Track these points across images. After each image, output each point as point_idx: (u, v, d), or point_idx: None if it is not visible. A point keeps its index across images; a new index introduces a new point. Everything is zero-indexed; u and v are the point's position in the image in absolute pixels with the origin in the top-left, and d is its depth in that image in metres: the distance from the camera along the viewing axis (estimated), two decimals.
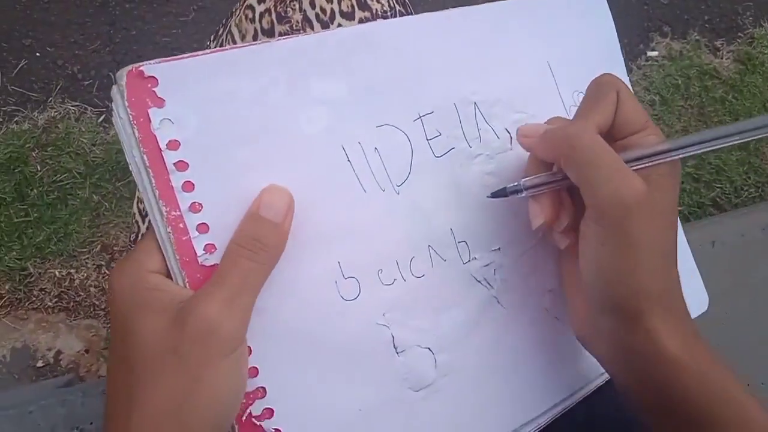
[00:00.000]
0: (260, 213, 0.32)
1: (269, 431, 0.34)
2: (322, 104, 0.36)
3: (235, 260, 0.32)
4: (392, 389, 0.37)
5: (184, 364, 0.30)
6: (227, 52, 0.33)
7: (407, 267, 0.38)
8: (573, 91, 0.46)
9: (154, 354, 0.30)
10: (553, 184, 0.38)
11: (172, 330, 0.30)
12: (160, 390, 0.30)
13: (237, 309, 0.31)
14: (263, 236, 0.32)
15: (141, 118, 0.31)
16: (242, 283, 0.31)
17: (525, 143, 0.39)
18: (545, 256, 0.43)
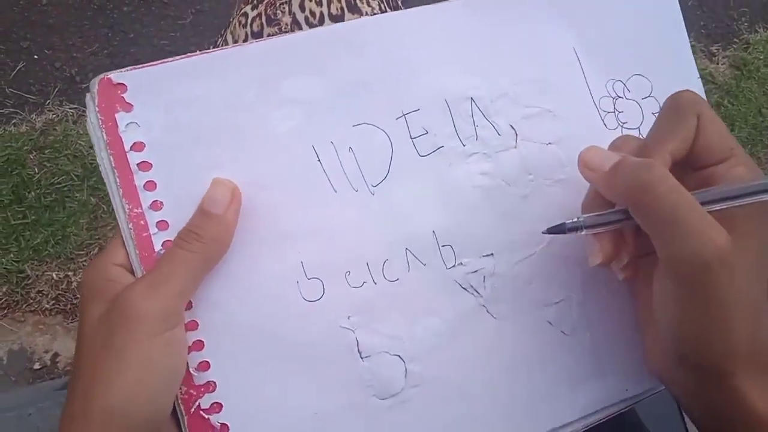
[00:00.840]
0: (201, 205, 0.34)
1: (216, 425, 0.34)
2: (294, 104, 0.36)
3: (171, 250, 0.33)
4: (354, 395, 0.36)
5: (112, 346, 0.31)
6: (196, 58, 0.35)
7: (379, 270, 0.37)
8: (607, 80, 0.42)
9: (90, 337, 0.32)
10: (618, 223, 0.34)
11: (107, 315, 0.32)
12: (91, 371, 0.31)
13: (161, 293, 0.31)
14: (200, 227, 0.33)
15: (109, 122, 0.33)
16: (170, 270, 0.32)
17: (588, 176, 0.35)
18: (554, 264, 0.40)
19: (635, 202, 0.31)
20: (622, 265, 0.35)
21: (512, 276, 0.39)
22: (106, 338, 0.31)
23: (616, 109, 0.42)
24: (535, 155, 0.40)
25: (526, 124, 0.40)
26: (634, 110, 0.42)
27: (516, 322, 0.39)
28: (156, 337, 0.31)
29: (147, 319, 0.31)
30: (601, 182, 0.34)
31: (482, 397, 0.38)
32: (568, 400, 0.40)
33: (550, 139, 0.40)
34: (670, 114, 0.34)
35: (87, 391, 0.31)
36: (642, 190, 0.30)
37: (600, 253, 0.35)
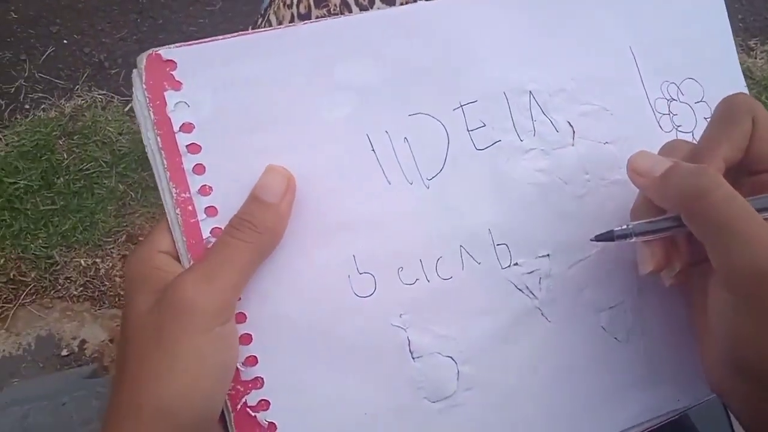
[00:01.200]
0: (255, 193, 0.32)
1: (263, 423, 0.33)
2: (348, 90, 0.34)
3: (222, 239, 0.32)
4: (404, 396, 0.35)
5: (163, 340, 0.29)
6: (248, 37, 0.33)
7: (433, 267, 0.35)
8: (662, 81, 0.41)
9: (140, 330, 0.30)
10: (669, 230, 0.33)
11: (157, 306, 0.30)
12: (142, 366, 0.30)
13: (215, 286, 0.30)
14: (254, 216, 0.32)
15: (157, 100, 0.32)
16: (224, 261, 0.31)
17: (637, 182, 0.34)
18: (610, 268, 0.38)
19: (688, 210, 0.30)
20: (673, 274, 0.34)
21: (567, 278, 0.38)
22: (156, 332, 0.30)
23: (671, 111, 0.41)
24: (592, 154, 0.39)
25: (583, 122, 0.39)
26: (687, 114, 0.41)
27: (570, 326, 0.38)
28: (209, 332, 0.30)
29: (201, 313, 0.30)
30: (651, 188, 0.33)
31: (533, 403, 0.37)
32: (619, 409, 0.38)
33: (607, 139, 0.39)
34: (723, 117, 0.33)
35: (137, 387, 0.30)
36: (695, 197, 0.30)
37: (651, 260, 0.34)
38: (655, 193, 0.33)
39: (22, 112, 1.33)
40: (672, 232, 0.33)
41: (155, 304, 0.30)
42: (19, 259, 1.24)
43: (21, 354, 1.21)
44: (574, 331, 0.38)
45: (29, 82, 1.35)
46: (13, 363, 1.20)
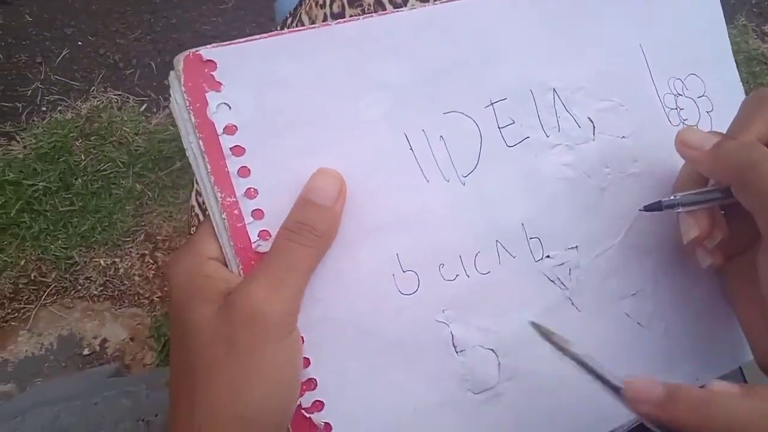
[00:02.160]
0: (309, 197, 0.32)
1: (319, 424, 0.33)
2: (384, 89, 0.34)
3: (283, 245, 0.31)
4: (450, 390, 0.36)
5: (236, 352, 0.29)
6: (286, 36, 0.33)
7: (471, 262, 0.36)
8: (669, 77, 0.43)
9: (208, 342, 0.30)
10: (714, 201, 0.35)
11: (223, 317, 0.30)
12: (217, 380, 0.29)
13: (284, 293, 0.30)
14: (311, 220, 0.31)
15: (197, 103, 0.31)
16: (289, 267, 0.30)
17: (687, 155, 0.36)
18: (629, 256, 0.40)
19: (740, 181, 0.32)
20: (714, 244, 0.36)
21: (594, 268, 0.39)
22: (228, 344, 0.29)
23: (678, 106, 0.43)
24: (611, 148, 0.40)
25: (601, 117, 0.40)
26: (692, 108, 0.43)
27: (597, 314, 0.39)
28: (282, 341, 0.30)
29: (274, 323, 0.29)
30: (701, 160, 0.35)
31: (567, 390, 0.38)
32: None
33: (624, 133, 0.40)
34: (753, 102, 0.35)
35: (212, 399, 0.29)
36: (747, 168, 0.31)
37: (696, 227, 0.35)
38: (705, 164, 0.35)
39: (39, 115, 1.34)
40: (716, 203, 0.35)
41: (218, 314, 0.30)
42: (40, 260, 1.25)
43: (43, 354, 1.22)
44: (601, 318, 0.39)
45: (45, 84, 1.36)
46: (36, 363, 1.21)
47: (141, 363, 1.23)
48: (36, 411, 0.57)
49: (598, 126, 0.40)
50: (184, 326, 0.31)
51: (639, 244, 0.40)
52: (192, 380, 0.30)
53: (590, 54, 0.40)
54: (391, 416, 0.35)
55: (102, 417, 0.57)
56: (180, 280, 0.31)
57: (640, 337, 0.40)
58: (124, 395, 0.58)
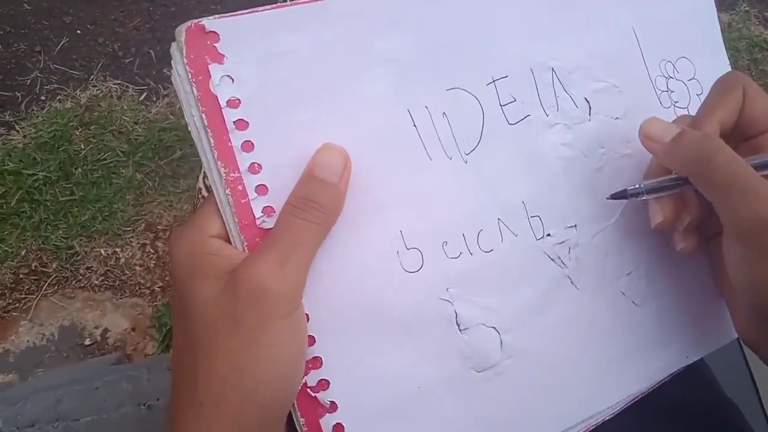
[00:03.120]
0: (314, 173, 0.31)
1: (324, 403, 0.33)
2: (388, 64, 0.34)
3: (288, 220, 0.31)
4: (454, 368, 0.35)
5: (241, 328, 0.29)
6: (289, 8, 0.32)
7: (474, 240, 0.36)
8: (660, 60, 0.43)
9: (213, 319, 0.30)
10: (676, 188, 0.36)
11: (227, 294, 0.29)
12: (220, 356, 0.29)
13: (289, 270, 0.30)
14: (316, 196, 0.31)
15: (200, 75, 0.30)
16: (294, 243, 0.30)
17: (649, 147, 0.37)
18: (624, 236, 0.41)
19: (697, 172, 0.34)
20: (682, 228, 0.37)
21: (592, 247, 0.40)
22: (233, 321, 0.29)
23: (669, 88, 0.43)
24: (606, 129, 0.40)
25: (597, 98, 0.40)
26: (682, 91, 0.44)
27: (595, 292, 0.40)
28: (287, 318, 0.30)
29: (279, 300, 0.29)
30: (662, 153, 0.36)
31: (566, 367, 0.39)
32: (639, 368, 0.41)
33: (618, 114, 0.41)
34: (718, 89, 0.37)
35: (217, 379, 0.29)
36: (703, 160, 0.33)
37: (661, 211, 0.37)
38: (665, 157, 0.36)
39: (38, 104, 1.34)
40: (678, 190, 0.36)
41: (223, 291, 0.30)
42: (40, 250, 1.24)
43: (45, 344, 1.22)
44: (599, 297, 0.40)
45: (44, 73, 1.35)
46: (38, 353, 1.21)
47: (142, 353, 1.23)
48: (38, 396, 0.57)
49: (594, 106, 0.40)
50: (187, 303, 0.30)
51: (633, 225, 0.41)
52: (195, 357, 0.30)
53: (586, 35, 0.40)
54: (395, 394, 0.34)
55: (104, 401, 0.57)
56: (183, 257, 0.31)
57: (635, 316, 0.41)
58: (125, 380, 0.58)
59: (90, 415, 0.56)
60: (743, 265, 0.34)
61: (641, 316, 0.41)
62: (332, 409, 0.33)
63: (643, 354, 0.41)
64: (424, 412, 0.35)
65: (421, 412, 0.35)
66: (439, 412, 0.35)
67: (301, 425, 0.32)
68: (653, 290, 0.42)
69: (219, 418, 0.29)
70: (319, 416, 0.33)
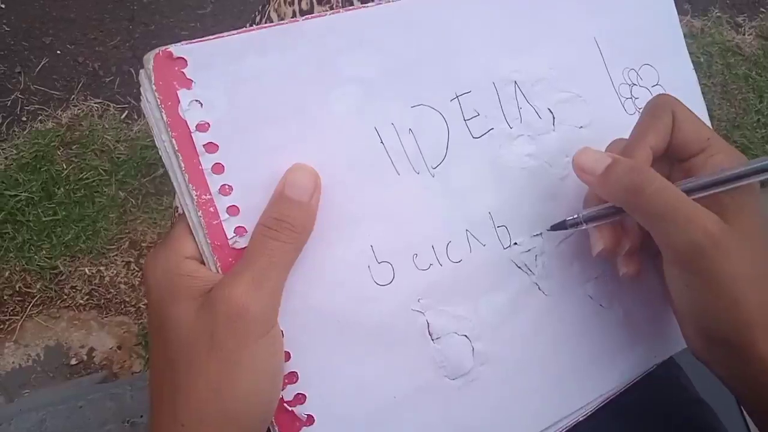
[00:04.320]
0: (285, 192, 0.32)
1: (301, 416, 0.33)
2: (353, 83, 0.35)
3: (262, 241, 0.31)
4: (428, 377, 0.36)
5: (219, 349, 0.29)
6: (255, 32, 0.33)
7: (444, 252, 0.37)
8: (623, 68, 0.44)
9: (191, 341, 0.30)
10: (614, 216, 0.37)
11: (204, 315, 0.30)
12: (199, 378, 0.29)
13: (265, 290, 0.30)
14: (288, 216, 0.31)
15: (169, 101, 0.31)
16: (269, 263, 0.30)
17: (583, 179, 0.37)
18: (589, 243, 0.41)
19: (629, 203, 0.34)
20: (622, 253, 0.38)
21: (558, 254, 0.41)
22: (209, 342, 0.29)
23: (633, 95, 0.44)
24: (571, 138, 0.41)
25: (561, 108, 0.41)
26: (647, 97, 0.44)
27: (563, 297, 0.41)
28: (263, 337, 0.30)
29: (256, 320, 0.30)
30: (595, 185, 0.36)
31: (537, 371, 0.40)
32: (609, 369, 0.42)
33: (582, 123, 0.42)
34: (648, 114, 0.37)
35: (196, 400, 0.29)
36: (634, 192, 0.33)
37: (601, 240, 0.37)
38: (599, 188, 0.36)
39: (19, 125, 1.33)
40: (617, 218, 0.37)
41: (199, 312, 0.30)
42: (24, 270, 1.24)
43: (30, 365, 1.21)
44: (566, 301, 0.41)
45: (25, 94, 1.35)
46: (24, 374, 1.20)
47: (129, 371, 1.23)
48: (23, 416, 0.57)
49: (558, 117, 0.41)
50: (164, 325, 0.31)
51: None
52: (174, 378, 0.30)
53: (548, 46, 0.41)
54: (371, 405, 0.35)
55: (88, 419, 0.57)
56: (158, 279, 0.31)
57: (603, 318, 0.42)
58: (108, 397, 0.58)
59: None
60: (683, 288, 0.35)
61: (609, 318, 0.42)
62: (309, 423, 0.33)
63: (612, 355, 0.42)
64: (401, 421, 0.36)
65: (398, 422, 0.36)
66: (415, 420, 0.36)
67: None
68: (619, 293, 0.42)
69: None
70: (297, 430, 0.33)
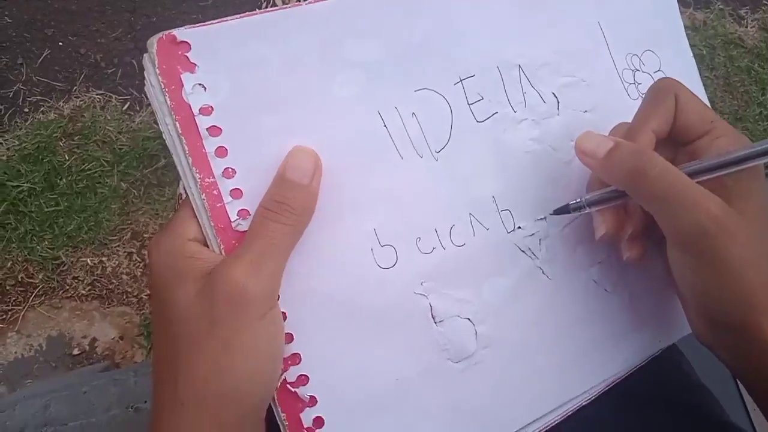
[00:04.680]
0: (286, 175, 0.32)
1: (304, 397, 0.34)
2: (357, 68, 0.35)
3: (262, 223, 0.31)
4: (430, 359, 0.37)
5: (219, 329, 0.30)
6: (258, 17, 0.33)
7: (447, 235, 0.37)
8: (626, 53, 0.44)
9: (191, 321, 0.30)
10: (617, 200, 0.37)
11: (205, 296, 0.30)
12: (199, 358, 0.30)
13: (264, 272, 0.30)
14: (289, 198, 0.32)
15: (173, 85, 0.31)
16: (268, 245, 0.31)
17: (586, 163, 0.37)
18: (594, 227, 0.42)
19: (632, 186, 0.34)
20: (626, 237, 0.38)
21: (562, 238, 0.41)
22: (210, 323, 0.30)
23: (636, 81, 0.44)
24: (575, 122, 0.41)
25: (565, 93, 0.41)
26: (649, 83, 0.44)
27: (567, 281, 0.41)
28: (263, 319, 0.30)
29: (255, 301, 0.30)
30: (598, 168, 0.36)
31: (541, 355, 0.40)
32: (613, 353, 0.42)
33: (586, 107, 0.42)
34: (650, 97, 0.37)
35: (196, 379, 0.30)
36: (637, 174, 0.33)
37: (603, 225, 0.37)
38: (601, 172, 0.36)
39: (21, 116, 1.33)
40: (620, 201, 0.37)
41: (200, 294, 0.30)
42: (26, 261, 1.24)
43: (33, 355, 1.21)
44: (570, 285, 0.41)
45: (27, 85, 1.35)
46: (26, 364, 1.20)
47: (131, 361, 1.23)
48: (26, 402, 0.58)
49: (562, 101, 0.41)
50: (167, 306, 0.31)
51: None
52: (175, 359, 0.31)
53: (553, 31, 0.41)
54: (374, 387, 0.35)
55: (91, 405, 0.58)
56: (162, 262, 0.31)
57: (607, 302, 0.42)
58: (112, 383, 0.59)
59: (78, 419, 0.56)
60: (687, 272, 0.35)
61: (613, 303, 0.42)
62: (312, 404, 0.34)
63: (616, 339, 0.42)
64: (403, 403, 0.36)
65: (400, 403, 0.36)
66: (417, 402, 0.36)
67: (282, 420, 0.33)
68: (625, 278, 0.42)
69: (200, 418, 0.30)
70: (300, 411, 0.34)
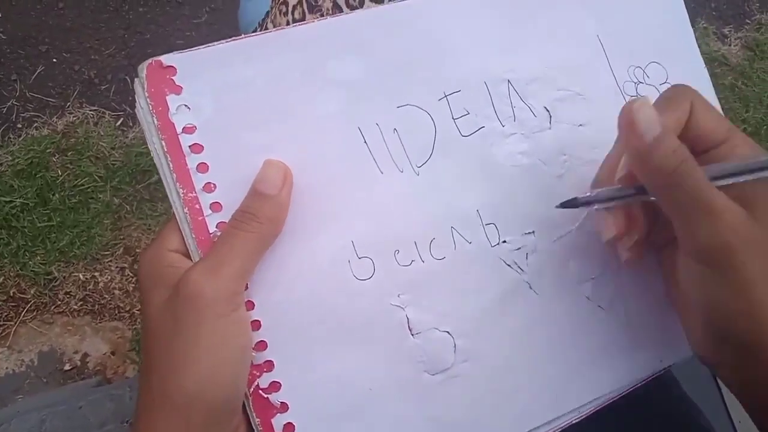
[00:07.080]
0: (255, 186, 0.34)
1: (275, 404, 0.35)
2: (339, 86, 0.36)
3: (227, 231, 0.33)
4: (405, 371, 0.37)
5: (181, 329, 0.31)
6: (242, 41, 0.35)
7: (427, 248, 0.37)
8: (629, 66, 0.43)
9: (159, 323, 0.32)
10: (630, 198, 0.35)
11: (172, 299, 0.32)
12: (163, 356, 0.32)
13: (223, 274, 0.32)
14: (255, 208, 0.33)
15: (160, 107, 0.33)
16: (229, 250, 0.32)
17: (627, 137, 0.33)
18: (588, 241, 0.41)
19: (664, 185, 0.32)
20: (631, 243, 0.36)
21: (552, 253, 0.40)
22: (174, 323, 0.32)
23: (638, 93, 0.43)
24: (568, 136, 0.41)
25: (559, 107, 0.41)
26: (654, 95, 0.42)
27: (556, 297, 0.40)
28: (223, 318, 0.32)
29: (212, 301, 0.31)
30: (636, 150, 0.33)
31: (527, 371, 0.39)
32: (606, 372, 0.41)
33: (581, 121, 0.41)
34: (664, 100, 0.35)
35: (164, 377, 0.31)
36: (675, 176, 0.31)
37: (613, 226, 0.36)
38: (637, 156, 0.33)
39: (14, 132, 1.34)
40: (631, 200, 0.35)
41: (170, 298, 0.32)
42: (18, 276, 1.24)
43: (24, 371, 1.21)
44: (560, 301, 0.40)
45: (21, 101, 1.36)
46: (17, 380, 1.20)
47: (123, 376, 1.23)
48: (22, 417, 0.58)
49: (555, 115, 0.41)
50: (144, 311, 0.33)
51: None
52: (148, 360, 0.32)
53: (546, 44, 0.41)
54: (347, 396, 0.36)
55: (87, 420, 0.58)
56: (145, 269, 0.34)
57: (602, 320, 0.41)
58: (108, 398, 0.59)
59: None
60: (700, 284, 0.33)
61: (608, 320, 0.41)
62: (283, 410, 0.35)
63: (611, 357, 0.41)
64: (375, 412, 0.36)
65: (372, 413, 0.36)
66: (390, 412, 0.37)
67: (256, 424, 0.35)
68: (621, 294, 0.41)
69: (167, 418, 0.31)
70: (272, 416, 0.35)
